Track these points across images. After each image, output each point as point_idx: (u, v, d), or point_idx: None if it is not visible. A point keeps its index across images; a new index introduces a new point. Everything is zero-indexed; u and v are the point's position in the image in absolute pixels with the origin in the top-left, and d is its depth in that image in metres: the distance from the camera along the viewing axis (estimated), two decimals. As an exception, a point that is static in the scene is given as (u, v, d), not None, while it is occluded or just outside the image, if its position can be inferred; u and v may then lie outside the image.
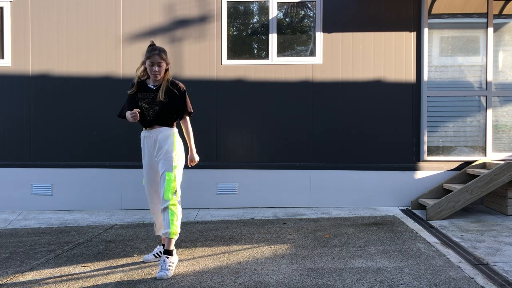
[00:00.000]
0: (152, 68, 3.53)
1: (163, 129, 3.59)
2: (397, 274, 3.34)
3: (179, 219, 3.53)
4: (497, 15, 5.95)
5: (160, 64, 3.52)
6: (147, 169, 3.67)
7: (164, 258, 3.44)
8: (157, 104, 3.54)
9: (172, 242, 3.52)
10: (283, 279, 3.28)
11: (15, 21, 6.13)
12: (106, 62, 6.09)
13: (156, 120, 3.58)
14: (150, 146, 3.62)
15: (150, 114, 3.56)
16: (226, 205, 6.02)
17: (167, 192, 3.48)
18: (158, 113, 3.55)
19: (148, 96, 3.57)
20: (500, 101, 5.97)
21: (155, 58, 3.51)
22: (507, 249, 3.96)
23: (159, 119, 3.57)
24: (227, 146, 6.05)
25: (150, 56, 3.52)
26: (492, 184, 5.10)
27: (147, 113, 3.57)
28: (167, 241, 3.52)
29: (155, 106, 3.54)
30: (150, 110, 3.56)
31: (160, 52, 3.53)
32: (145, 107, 3.56)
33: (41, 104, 6.13)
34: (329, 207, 5.96)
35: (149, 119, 3.58)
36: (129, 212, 5.92)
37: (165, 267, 3.39)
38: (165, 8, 6.06)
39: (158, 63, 3.52)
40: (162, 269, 3.38)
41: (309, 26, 6.16)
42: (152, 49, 3.55)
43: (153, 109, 3.55)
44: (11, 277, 3.47)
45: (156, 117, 3.57)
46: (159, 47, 3.59)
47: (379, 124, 5.95)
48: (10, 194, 6.10)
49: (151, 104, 3.55)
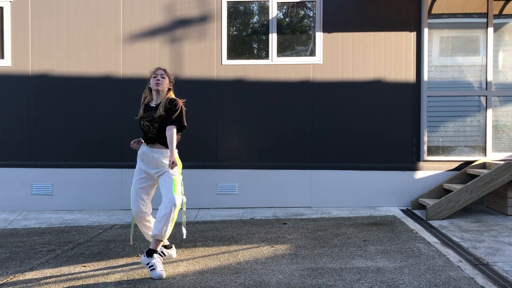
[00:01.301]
0: (154, 79, 3.65)
1: (165, 151, 3.61)
2: (397, 274, 3.34)
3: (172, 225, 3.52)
4: (497, 15, 5.95)
5: (163, 76, 3.67)
6: (140, 176, 3.68)
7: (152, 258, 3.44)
8: (156, 121, 3.58)
9: (159, 243, 3.52)
10: (283, 279, 3.28)
11: (15, 21, 6.13)
12: (106, 62, 6.09)
13: (158, 138, 3.61)
14: (150, 162, 3.64)
15: (151, 131, 3.60)
16: (226, 205, 6.02)
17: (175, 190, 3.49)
18: (158, 130, 3.58)
19: (150, 115, 3.62)
20: (500, 101, 5.97)
21: (159, 71, 3.70)
22: (507, 249, 3.96)
23: (160, 136, 3.60)
24: (227, 146, 6.05)
25: (154, 71, 3.70)
26: (492, 184, 5.10)
27: (148, 131, 3.61)
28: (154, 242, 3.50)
29: (155, 123, 3.58)
30: (151, 127, 3.59)
31: (164, 69, 3.74)
32: (147, 125, 3.62)
33: (41, 104, 6.13)
34: (329, 207, 5.96)
35: (151, 136, 3.62)
36: (129, 212, 5.91)
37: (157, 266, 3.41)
38: (165, 8, 6.06)
39: (161, 75, 3.67)
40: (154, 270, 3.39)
41: (309, 26, 6.16)
42: (156, 68, 3.75)
43: (154, 126, 3.59)
44: (11, 277, 3.47)
45: (158, 135, 3.60)
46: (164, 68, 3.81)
47: (379, 124, 5.95)
48: (10, 194, 6.10)
49: (151, 121, 3.60)
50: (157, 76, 3.64)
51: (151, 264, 3.41)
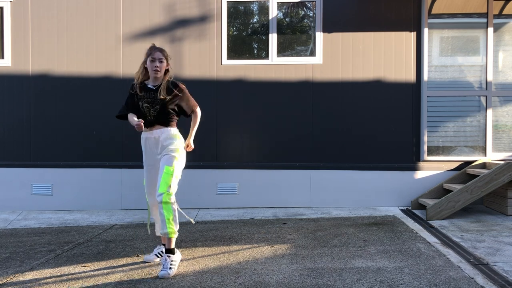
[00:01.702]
0: (153, 64, 3.56)
1: (165, 129, 3.59)
2: (397, 274, 3.34)
3: (176, 218, 3.52)
4: (497, 15, 5.95)
5: (161, 60, 3.57)
6: (149, 168, 3.68)
7: (166, 257, 3.46)
8: (158, 103, 3.54)
9: (171, 241, 3.52)
10: (283, 279, 3.28)
11: (15, 21, 6.13)
12: (106, 62, 6.09)
13: (157, 120, 3.58)
14: (152, 145, 3.62)
15: (151, 114, 3.56)
16: (226, 205, 6.02)
17: (162, 184, 3.46)
18: (159, 112, 3.56)
19: (149, 96, 3.57)
20: (500, 101, 5.97)
21: (157, 54, 3.57)
22: (507, 249, 3.96)
23: (160, 118, 3.58)
24: (227, 146, 6.05)
25: (152, 52, 3.58)
26: (492, 184, 5.10)
27: (148, 113, 3.57)
28: (167, 241, 3.53)
29: (155, 105, 3.55)
30: (151, 109, 3.56)
31: (162, 50, 3.62)
32: (146, 106, 3.57)
33: (41, 104, 6.13)
34: (329, 207, 5.96)
35: (150, 118, 3.58)
36: (129, 212, 5.92)
37: (167, 265, 3.41)
38: (165, 8, 6.06)
39: (160, 59, 3.57)
40: (164, 268, 3.40)
41: (309, 26, 6.16)
42: (154, 47, 3.62)
43: (154, 108, 3.55)
44: (11, 277, 3.47)
45: (157, 117, 3.57)
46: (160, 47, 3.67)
47: (379, 124, 5.95)
48: (10, 194, 6.10)
49: (151, 103, 3.55)
50: (155, 61, 3.55)
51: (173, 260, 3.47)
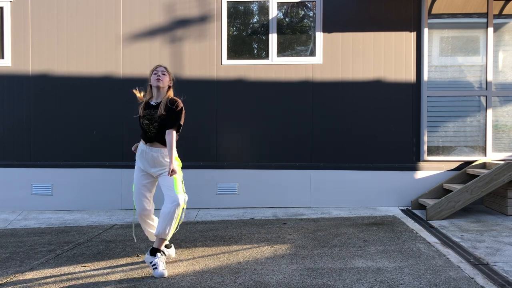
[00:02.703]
0: (155, 75, 3.63)
1: (164, 150, 3.60)
2: (397, 274, 3.34)
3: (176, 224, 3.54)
4: (497, 15, 5.95)
5: (163, 73, 3.65)
6: (141, 174, 3.69)
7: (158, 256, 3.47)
8: (156, 120, 3.56)
9: (163, 242, 3.54)
10: (283, 279, 3.28)
11: (15, 21, 6.13)
12: (106, 62, 6.09)
13: (157, 137, 3.60)
14: (149, 159, 3.63)
15: (151, 130, 3.59)
16: (226, 205, 6.02)
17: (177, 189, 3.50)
18: (157, 129, 3.57)
19: (149, 113, 3.60)
20: (500, 101, 5.97)
21: (160, 68, 3.69)
22: (507, 249, 3.96)
23: (159, 136, 3.59)
24: (227, 146, 6.05)
25: (155, 68, 3.69)
26: (492, 184, 5.10)
27: (148, 130, 3.60)
28: (160, 241, 3.52)
29: (154, 122, 3.57)
30: (150, 126, 3.58)
31: (165, 67, 3.73)
32: (146, 123, 3.60)
33: (41, 104, 6.13)
34: (329, 207, 5.96)
35: (150, 135, 3.60)
36: (129, 212, 5.92)
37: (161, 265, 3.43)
38: (165, 8, 6.06)
39: (162, 71, 3.66)
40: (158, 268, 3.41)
41: (309, 26, 6.16)
42: (157, 65, 3.74)
43: (153, 125, 3.57)
44: (11, 277, 3.47)
45: (157, 134, 3.58)
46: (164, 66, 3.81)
47: (379, 124, 5.95)
48: (10, 194, 6.10)
49: (151, 120, 3.58)
50: (157, 73, 3.63)
51: (154, 263, 3.43)
